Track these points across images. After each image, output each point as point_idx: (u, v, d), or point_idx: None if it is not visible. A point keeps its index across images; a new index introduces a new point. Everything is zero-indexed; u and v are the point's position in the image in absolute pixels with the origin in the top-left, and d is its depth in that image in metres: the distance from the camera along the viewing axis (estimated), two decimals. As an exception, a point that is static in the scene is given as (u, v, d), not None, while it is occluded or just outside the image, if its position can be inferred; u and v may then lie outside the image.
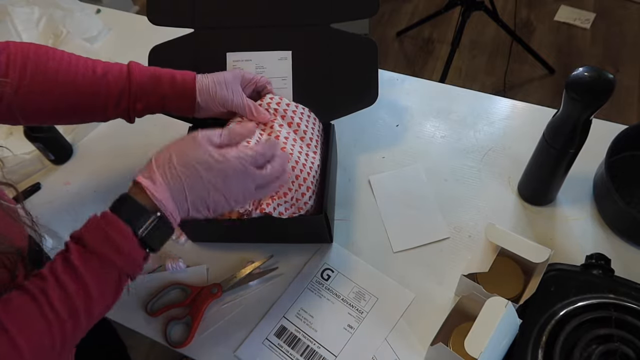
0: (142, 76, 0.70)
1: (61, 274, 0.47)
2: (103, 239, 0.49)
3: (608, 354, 0.62)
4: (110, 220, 0.50)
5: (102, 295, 0.49)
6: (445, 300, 0.75)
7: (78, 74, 0.67)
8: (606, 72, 0.62)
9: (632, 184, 0.81)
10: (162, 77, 0.71)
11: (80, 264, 0.48)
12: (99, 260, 0.49)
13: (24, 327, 0.45)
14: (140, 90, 0.70)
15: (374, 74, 0.83)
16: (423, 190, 0.86)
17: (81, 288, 0.47)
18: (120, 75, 0.69)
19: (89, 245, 0.49)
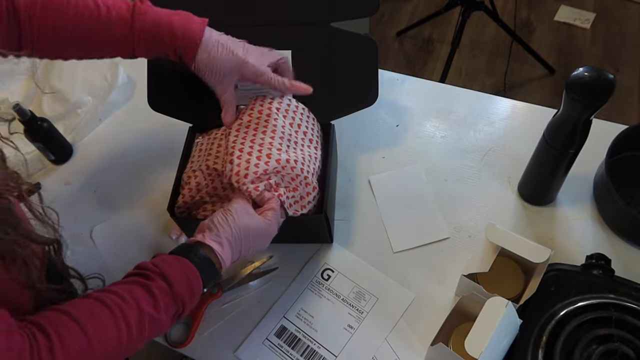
0: (144, 30, 0.68)
1: (142, 299, 0.54)
2: (187, 287, 0.58)
3: (608, 354, 0.62)
4: (193, 274, 0.59)
5: (161, 326, 0.56)
6: (446, 300, 0.75)
7: (85, 14, 0.67)
8: (606, 72, 0.62)
9: (632, 184, 0.81)
10: (162, 34, 0.68)
11: (160, 298, 0.55)
12: (175, 299, 0.57)
13: (99, 330, 0.51)
14: (143, 41, 0.69)
15: (374, 73, 0.83)
16: (423, 190, 0.86)
17: (156, 317, 0.54)
18: (125, 22, 0.68)
19: (175, 288, 0.56)
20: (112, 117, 1.03)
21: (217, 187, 0.76)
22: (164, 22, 0.68)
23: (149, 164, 0.94)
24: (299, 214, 0.72)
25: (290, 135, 0.74)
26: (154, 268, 0.57)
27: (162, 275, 0.56)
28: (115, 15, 0.67)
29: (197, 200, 0.76)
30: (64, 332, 0.49)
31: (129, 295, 0.54)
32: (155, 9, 0.69)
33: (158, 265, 0.58)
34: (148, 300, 0.54)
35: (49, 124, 0.91)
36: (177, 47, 0.69)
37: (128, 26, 0.67)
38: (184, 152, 0.81)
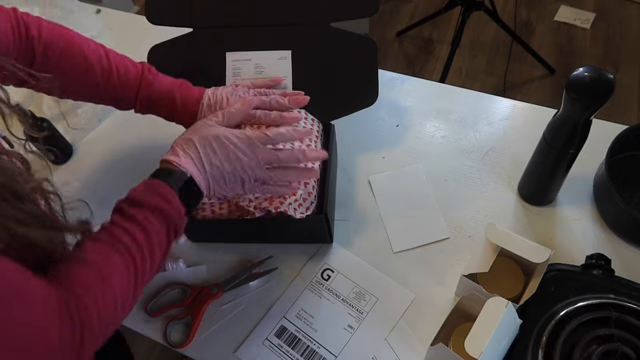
0: (148, 98, 0.75)
1: (123, 223, 0.55)
2: (153, 194, 0.58)
3: (608, 354, 0.62)
4: (154, 182, 0.59)
5: (159, 243, 0.57)
6: (446, 300, 0.75)
7: (96, 74, 0.72)
8: (606, 72, 0.62)
9: (632, 184, 0.81)
10: (164, 101, 0.75)
11: (136, 214, 0.56)
12: (151, 211, 0.56)
13: (105, 262, 0.52)
14: (145, 106, 0.76)
15: (374, 73, 0.83)
16: (423, 190, 0.86)
17: (142, 231, 0.55)
18: (131, 89, 0.74)
19: (143, 201, 0.57)
20: (112, 117, 1.03)
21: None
22: (166, 95, 0.74)
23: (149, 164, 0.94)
24: (304, 215, 0.72)
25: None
26: (122, 198, 0.59)
27: (131, 200, 0.57)
28: (124, 81, 0.73)
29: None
30: (85, 281, 0.50)
31: (109, 225, 0.55)
32: (159, 79, 0.75)
33: (129, 194, 0.59)
34: (127, 220, 0.55)
35: (49, 124, 0.91)
36: (174, 117, 0.76)
37: (134, 92, 0.74)
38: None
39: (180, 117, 0.76)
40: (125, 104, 0.76)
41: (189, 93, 0.74)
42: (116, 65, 0.73)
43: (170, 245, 0.59)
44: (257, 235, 0.82)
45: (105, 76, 0.72)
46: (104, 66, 0.72)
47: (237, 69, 0.83)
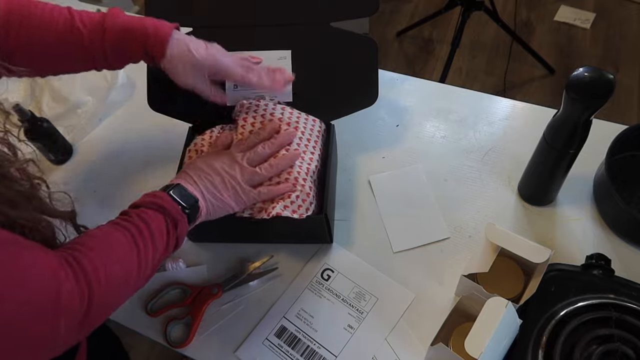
0: (115, 33, 0.69)
1: (124, 217, 0.59)
2: (150, 196, 0.62)
3: (608, 354, 0.62)
4: (151, 192, 0.64)
5: (159, 232, 0.59)
6: (446, 300, 0.75)
7: (57, 32, 0.68)
8: (606, 72, 0.62)
9: (632, 184, 0.81)
10: (135, 31, 0.70)
11: (134, 211, 0.60)
12: (149, 207, 0.61)
13: (109, 236, 0.56)
14: (115, 47, 0.70)
15: (374, 73, 0.83)
16: (423, 190, 0.86)
17: (142, 221, 0.58)
18: (96, 31, 0.69)
19: (141, 202, 0.62)
20: (112, 117, 1.03)
21: None
22: (135, 21, 0.70)
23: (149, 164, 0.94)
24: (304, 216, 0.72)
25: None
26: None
27: (132, 206, 0.62)
28: (87, 19, 0.69)
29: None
30: (90, 244, 0.53)
31: (111, 222, 0.59)
32: (126, 14, 0.71)
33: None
34: (126, 218, 0.59)
35: (49, 124, 0.91)
36: (147, 44, 0.70)
37: (100, 27, 0.69)
38: (184, 152, 0.81)
39: (152, 44, 0.70)
40: (94, 48, 0.70)
41: (159, 23, 0.71)
42: (78, 13, 0.70)
43: (170, 238, 0.61)
44: (257, 235, 0.82)
45: (68, 23, 0.69)
46: (63, 13, 0.69)
47: (237, 69, 0.83)
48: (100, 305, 0.51)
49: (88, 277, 0.49)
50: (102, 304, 0.51)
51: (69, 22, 0.68)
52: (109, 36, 0.69)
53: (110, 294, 0.53)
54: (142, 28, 0.69)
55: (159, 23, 0.71)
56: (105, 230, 0.57)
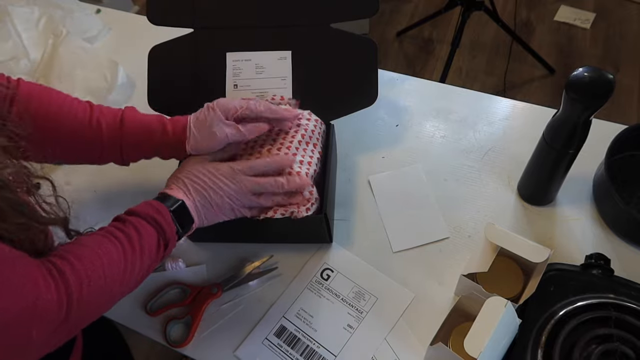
0: (134, 129, 0.71)
1: (118, 224, 0.59)
2: (148, 206, 0.62)
3: (607, 354, 0.62)
4: (150, 200, 0.64)
5: (149, 247, 0.59)
6: (445, 300, 0.75)
7: (76, 123, 0.69)
8: (606, 72, 0.62)
9: (632, 184, 0.81)
10: (153, 128, 0.71)
11: (130, 219, 0.60)
12: (145, 218, 0.60)
13: (97, 244, 0.55)
14: (132, 143, 0.72)
15: (374, 73, 0.83)
16: (423, 190, 0.86)
17: (135, 231, 0.58)
18: (114, 126, 0.71)
19: (138, 211, 0.61)
20: (112, 117, 1.03)
21: None
22: (155, 120, 0.72)
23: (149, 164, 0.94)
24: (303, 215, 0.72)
25: (293, 137, 0.75)
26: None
27: (128, 212, 0.62)
28: (107, 114, 0.71)
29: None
30: (78, 253, 0.53)
31: (103, 230, 0.59)
32: (138, 113, 0.73)
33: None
34: (118, 225, 0.59)
35: (49, 123, 0.91)
36: (166, 141, 0.71)
37: (118, 123, 0.71)
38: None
39: (171, 142, 0.71)
40: (112, 151, 0.72)
41: (175, 118, 0.72)
42: (98, 108, 0.72)
43: (159, 256, 0.61)
44: (257, 235, 0.82)
45: (87, 117, 0.70)
46: (84, 107, 0.71)
47: (238, 69, 0.83)
48: (80, 314, 0.51)
49: (69, 289, 0.49)
50: (81, 313, 0.51)
51: (88, 116, 0.70)
52: (127, 134, 0.71)
53: (91, 305, 0.53)
54: (162, 126, 0.71)
55: (174, 120, 0.72)
56: (97, 240, 0.56)
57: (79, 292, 0.50)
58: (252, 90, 0.82)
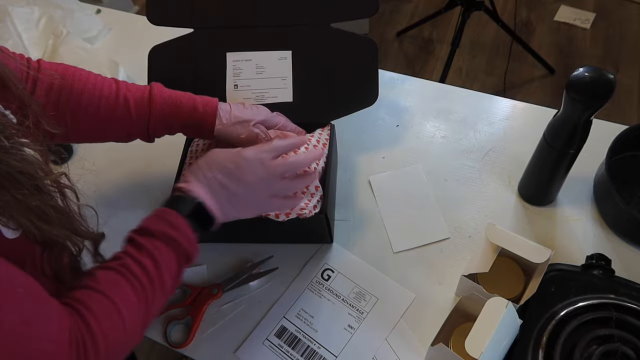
0: (163, 104, 0.70)
1: (134, 253, 0.54)
2: (163, 222, 0.57)
3: (608, 354, 0.62)
4: (164, 210, 0.58)
5: (169, 272, 0.56)
6: (446, 300, 0.75)
7: (102, 98, 0.68)
8: (606, 72, 0.62)
9: (632, 184, 0.81)
10: (183, 105, 0.70)
11: (146, 243, 0.55)
12: (161, 240, 0.56)
13: (117, 292, 0.52)
14: (160, 118, 0.70)
15: (374, 73, 0.83)
16: (423, 190, 0.86)
17: (153, 262, 0.54)
18: (142, 101, 0.69)
19: (154, 230, 0.56)
20: (112, 117, 1.03)
21: None
22: (182, 95, 0.70)
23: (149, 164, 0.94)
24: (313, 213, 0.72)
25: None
26: (133, 229, 0.58)
27: (140, 229, 0.57)
28: (134, 89, 0.69)
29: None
30: (97, 310, 0.50)
31: (122, 254, 0.55)
32: (167, 90, 0.71)
33: (140, 224, 0.58)
34: (137, 251, 0.55)
35: (49, 124, 0.91)
36: (196, 119, 0.70)
37: (147, 100, 0.69)
38: (184, 152, 0.81)
39: (199, 118, 0.70)
40: (139, 126, 0.71)
41: (206, 97, 0.72)
42: (124, 85, 0.71)
43: (181, 272, 0.58)
44: (257, 235, 0.82)
45: (113, 94, 0.69)
46: (110, 84, 0.70)
47: (238, 69, 0.83)
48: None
49: (88, 356, 0.48)
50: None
51: (115, 92, 0.68)
52: (155, 109, 0.69)
53: (110, 357, 0.51)
54: (191, 101, 0.70)
55: (204, 98, 0.71)
56: (115, 283, 0.52)
57: (97, 356, 0.48)
58: (252, 91, 0.82)
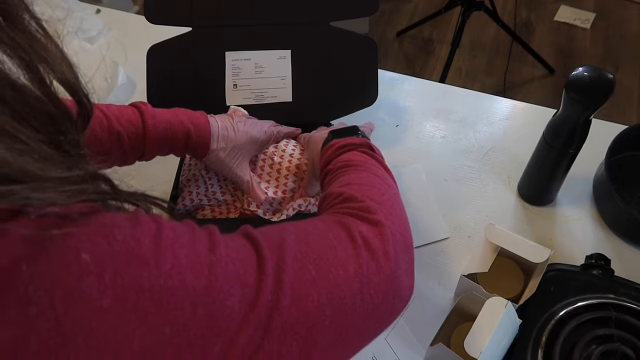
0: (157, 140, 0.68)
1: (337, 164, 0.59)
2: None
3: (608, 354, 0.62)
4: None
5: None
6: (445, 300, 0.75)
7: (95, 136, 0.64)
8: (606, 72, 0.62)
9: (632, 184, 0.81)
10: (175, 138, 0.69)
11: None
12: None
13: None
14: (154, 148, 0.69)
15: (374, 73, 0.83)
16: (423, 190, 0.86)
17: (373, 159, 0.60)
18: (136, 134, 0.67)
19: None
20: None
21: (217, 192, 0.76)
22: (174, 120, 0.68)
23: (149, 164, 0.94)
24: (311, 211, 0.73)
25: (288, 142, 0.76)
26: None
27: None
28: (125, 120, 0.65)
29: (197, 203, 0.76)
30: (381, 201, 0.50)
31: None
32: (158, 110, 0.69)
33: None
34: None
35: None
36: (189, 147, 0.70)
37: (140, 129, 0.67)
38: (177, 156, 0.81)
39: (192, 148, 0.70)
40: (132, 155, 0.69)
41: (193, 113, 0.71)
42: (113, 115, 0.66)
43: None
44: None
45: (105, 126, 0.65)
46: (98, 116, 0.65)
47: (237, 69, 0.83)
48: (397, 249, 0.46)
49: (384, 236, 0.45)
50: (398, 247, 0.46)
51: (106, 124, 0.64)
52: (150, 141, 0.67)
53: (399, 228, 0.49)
54: (185, 132, 0.68)
55: (198, 120, 0.70)
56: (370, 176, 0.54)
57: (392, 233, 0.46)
58: (251, 90, 0.82)
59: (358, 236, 0.43)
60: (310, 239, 0.42)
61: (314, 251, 0.40)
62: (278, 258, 0.38)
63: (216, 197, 0.76)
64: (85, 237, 0.30)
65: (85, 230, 0.30)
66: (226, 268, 0.35)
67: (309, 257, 0.39)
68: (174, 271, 0.32)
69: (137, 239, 0.32)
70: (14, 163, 0.28)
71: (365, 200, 0.48)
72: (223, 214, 0.77)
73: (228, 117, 0.73)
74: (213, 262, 0.34)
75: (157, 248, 0.32)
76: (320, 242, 0.42)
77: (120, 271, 0.30)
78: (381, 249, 0.44)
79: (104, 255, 0.30)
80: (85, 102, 0.38)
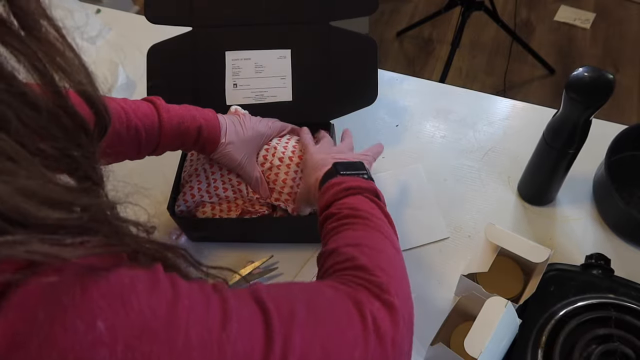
0: (171, 137, 0.69)
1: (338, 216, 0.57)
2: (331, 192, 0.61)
3: (608, 354, 0.62)
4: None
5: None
6: (445, 300, 0.75)
7: (114, 130, 0.64)
8: (606, 73, 0.62)
9: (632, 184, 0.81)
10: (188, 133, 0.69)
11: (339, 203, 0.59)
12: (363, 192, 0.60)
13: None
14: (168, 142, 0.70)
15: (374, 73, 0.83)
16: (423, 190, 0.86)
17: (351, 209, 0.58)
18: (152, 127, 0.67)
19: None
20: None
21: (219, 187, 0.76)
22: (188, 117, 0.69)
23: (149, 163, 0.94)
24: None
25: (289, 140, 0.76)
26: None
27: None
28: (142, 115, 0.66)
29: (198, 199, 0.76)
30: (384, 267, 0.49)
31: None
32: (171, 105, 0.69)
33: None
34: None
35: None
36: (200, 142, 0.70)
37: (156, 123, 0.67)
38: (184, 151, 0.81)
39: (201, 145, 0.71)
40: (149, 142, 0.69)
41: (202, 109, 0.72)
42: (132, 109, 0.67)
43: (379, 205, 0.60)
44: (257, 235, 0.82)
45: (123, 120, 0.65)
46: (121, 115, 0.66)
47: (237, 68, 0.83)
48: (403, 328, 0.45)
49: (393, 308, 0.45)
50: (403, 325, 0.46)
51: (124, 118, 0.65)
52: (165, 135, 0.68)
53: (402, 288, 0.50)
54: (193, 120, 0.69)
55: (208, 116, 0.71)
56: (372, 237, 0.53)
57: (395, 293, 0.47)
58: (251, 90, 0.82)
59: (369, 316, 0.43)
60: (321, 315, 0.41)
61: (323, 331, 0.40)
62: (286, 334, 0.37)
63: (217, 194, 0.76)
64: (103, 301, 0.30)
65: (104, 289, 0.30)
66: (235, 347, 0.34)
67: (317, 336, 0.39)
68: (184, 350, 0.32)
69: (153, 309, 0.32)
70: (9, 200, 0.27)
71: (376, 272, 0.48)
72: (224, 212, 0.77)
73: (234, 115, 0.75)
74: (223, 341, 0.34)
75: (170, 324, 0.32)
76: (330, 320, 0.41)
77: (131, 345, 0.30)
78: (390, 336, 0.43)
79: (118, 324, 0.30)
80: (103, 113, 0.38)
